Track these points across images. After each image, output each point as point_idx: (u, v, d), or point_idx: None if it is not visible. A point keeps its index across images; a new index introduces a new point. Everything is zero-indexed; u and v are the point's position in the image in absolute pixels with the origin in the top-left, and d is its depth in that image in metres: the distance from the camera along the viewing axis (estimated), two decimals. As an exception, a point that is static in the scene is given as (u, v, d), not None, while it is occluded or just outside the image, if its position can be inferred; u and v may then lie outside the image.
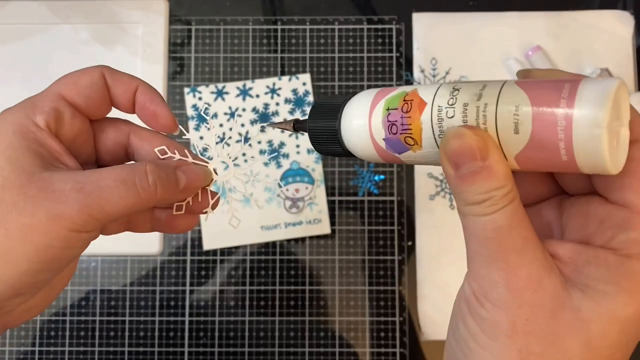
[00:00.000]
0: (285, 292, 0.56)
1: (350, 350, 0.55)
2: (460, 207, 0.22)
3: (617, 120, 0.20)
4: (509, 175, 0.21)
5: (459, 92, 0.22)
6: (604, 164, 0.19)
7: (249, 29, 0.59)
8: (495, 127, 0.21)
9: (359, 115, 0.25)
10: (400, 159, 0.24)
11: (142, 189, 0.24)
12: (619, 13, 0.58)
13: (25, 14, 0.59)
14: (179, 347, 0.55)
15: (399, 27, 0.59)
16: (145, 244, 0.56)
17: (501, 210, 0.20)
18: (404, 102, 0.23)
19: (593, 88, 0.19)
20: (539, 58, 0.56)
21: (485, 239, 0.21)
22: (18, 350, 0.55)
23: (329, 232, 0.56)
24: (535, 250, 0.21)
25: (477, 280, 0.21)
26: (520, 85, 0.20)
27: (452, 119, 0.22)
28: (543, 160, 0.20)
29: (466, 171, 0.21)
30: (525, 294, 0.20)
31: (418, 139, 0.23)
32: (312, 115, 0.27)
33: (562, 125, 0.19)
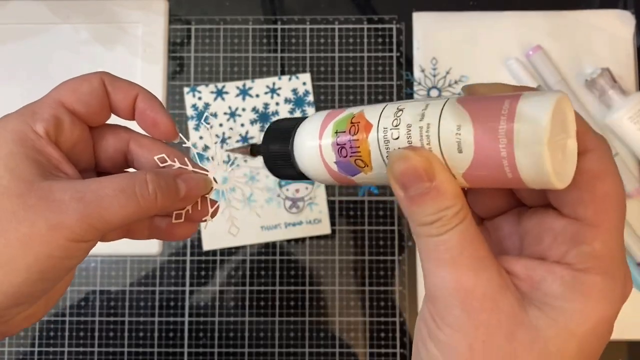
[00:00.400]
0: (285, 293, 0.55)
1: (350, 351, 0.55)
2: (413, 228, 0.22)
3: (563, 133, 0.20)
4: (458, 194, 0.20)
5: (403, 112, 0.22)
6: (549, 179, 0.18)
7: (249, 29, 0.59)
8: (440, 147, 0.20)
9: (309, 139, 0.25)
10: (353, 180, 0.24)
11: (142, 197, 0.24)
12: (619, 12, 0.58)
13: (25, 14, 0.59)
14: (178, 347, 0.55)
15: (399, 27, 0.59)
16: (145, 245, 0.56)
17: (452, 230, 0.20)
18: (351, 125, 0.23)
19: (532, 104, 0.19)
20: (539, 58, 0.56)
21: (438, 260, 0.21)
22: (17, 350, 0.55)
23: (329, 232, 0.56)
24: (489, 269, 0.20)
25: (433, 303, 0.21)
26: (462, 103, 0.20)
27: (397, 140, 0.22)
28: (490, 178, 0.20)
29: (414, 192, 0.20)
30: (481, 315, 0.20)
31: (367, 161, 0.23)
32: (265, 140, 0.27)
33: (503, 143, 0.19)
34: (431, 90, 0.57)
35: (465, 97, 0.21)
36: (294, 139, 0.26)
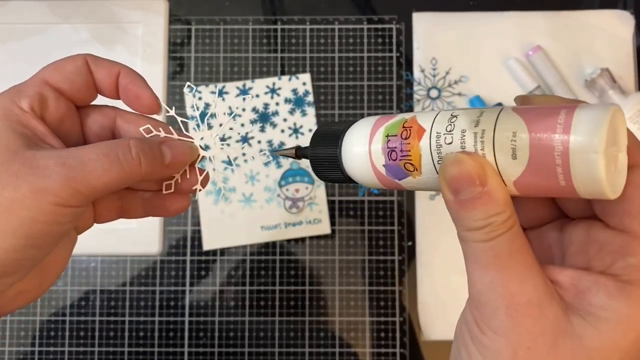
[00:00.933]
0: (285, 292, 0.56)
1: (350, 351, 0.55)
2: (460, 232, 0.22)
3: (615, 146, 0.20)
4: (508, 201, 0.21)
5: (457, 118, 0.22)
6: (602, 189, 0.19)
7: (249, 29, 0.59)
8: (494, 153, 0.21)
9: (359, 143, 0.25)
10: (400, 184, 0.25)
11: (126, 161, 0.25)
12: (619, 13, 0.58)
13: (25, 14, 0.59)
14: (178, 347, 0.55)
15: (399, 27, 0.59)
16: (145, 244, 0.56)
17: (501, 237, 0.20)
18: (403, 129, 0.24)
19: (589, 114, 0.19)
20: (539, 58, 0.56)
21: (485, 266, 0.21)
22: (17, 350, 0.55)
23: (329, 232, 0.56)
24: (536, 277, 0.21)
25: (478, 308, 0.21)
26: (517, 112, 0.21)
27: (450, 145, 0.22)
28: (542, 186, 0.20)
29: (465, 197, 0.21)
30: (526, 322, 0.20)
31: (417, 165, 0.23)
32: (313, 143, 0.28)
33: (559, 151, 0.19)
34: (431, 90, 0.58)
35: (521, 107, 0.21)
36: (342, 143, 0.26)
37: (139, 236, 0.56)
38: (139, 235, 0.56)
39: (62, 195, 0.23)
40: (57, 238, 0.25)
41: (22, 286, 0.25)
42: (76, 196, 0.23)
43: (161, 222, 0.56)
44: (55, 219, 0.23)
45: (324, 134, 0.28)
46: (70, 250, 0.28)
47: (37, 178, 0.23)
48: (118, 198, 0.30)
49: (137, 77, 0.29)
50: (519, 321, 0.20)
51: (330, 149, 0.27)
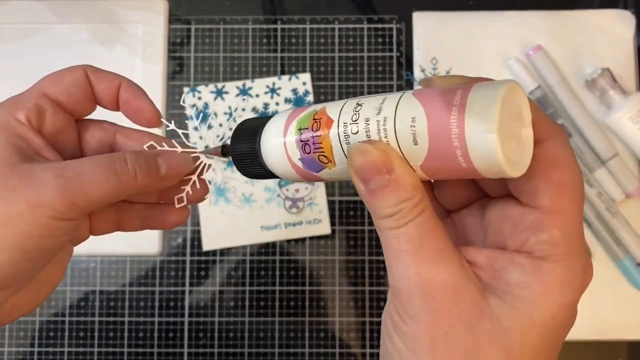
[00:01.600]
0: (285, 293, 0.55)
1: (350, 351, 0.55)
2: (375, 222, 0.22)
3: (517, 122, 0.20)
4: (417, 185, 0.21)
5: (362, 107, 0.22)
6: (502, 168, 0.18)
7: (249, 29, 0.59)
8: (396, 139, 0.21)
9: (274, 137, 0.25)
10: (319, 176, 0.25)
11: (122, 173, 0.25)
12: (619, 12, 0.58)
13: (25, 14, 0.59)
14: (178, 347, 0.55)
15: (399, 27, 0.59)
16: (144, 244, 0.56)
17: (412, 222, 0.20)
18: (313, 121, 0.24)
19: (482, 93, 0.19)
20: (539, 58, 0.56)
21: (399, 252, 0.21)
22: (17, 350, 0.55)
23: (329, 232, 0.56)
24: (450, 260, 0.20)
25: (396, 295, 0.21)
26: (417, 96, 0.20)
27: (356, 135, 0.22)
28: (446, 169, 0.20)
29: (374, 185, 0.21)
30: (442, 306, 0.20)
31: (330, 156, 0.23)
32: (233, 139, 0.28)
33: (455, 134, 0.19)
34: (431, 90, 0.57)
35: (421, 90, 0.21)
36: (260, 138, 0.26)
37: (139, 236, 0.56)
38: (139, 235, 0.56)
39: (59, 208, 0.23)
40: (53, 251, 0.24)
41: (18, 299, 0.25)
42: (72, 209, 0.23)
43: (161, 222, 0.56)
44: (51, 232, 0.23)
45: (243, 129, 0.27)
46: (66, 263, 0.28)
47: (33, 191, 0.23)
48: (115, 211, 0.30)
49: (139, 89, 0.28)
50: (435, 306, 0.20)
51: (249, 144, 0.27)
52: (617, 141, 0.56)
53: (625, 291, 0.54)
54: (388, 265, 0.22)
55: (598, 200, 0.54)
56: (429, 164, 0.20)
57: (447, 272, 0.20)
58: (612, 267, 0.54)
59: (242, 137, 0.27)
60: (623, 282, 0.54)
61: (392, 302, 0.22)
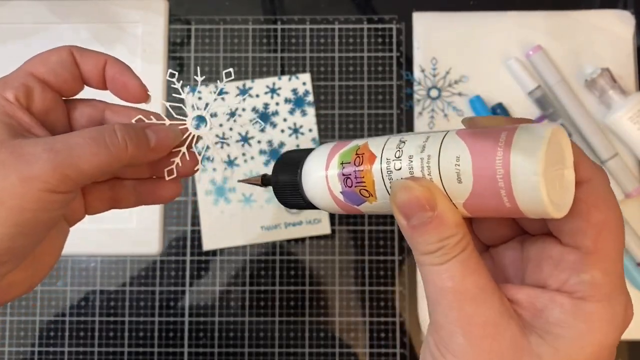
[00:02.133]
0: (285, 293, 0.55)
1: (350, 351, 0.55)
2: (416, 257, 0.22)
3: (560, 164, 0.20)
4: (459, 223, 0.21)
5: (405, 144, 0.22)
6: (545, 209, 0.19)
7: (249, 29, 0.59)
8: (440, 177, 0.21)
9: (316, 170, 0.26)
10: (359, 209, 0.25)
11: (112, 145, 0.25)
12: (619, 12, 0.58)
13: (25, 14, 0.59)
14: (178, 347, 0.55)
15: (399, 27, 0.59)
16: (144, 244, 0.56)
17: (454, 259, 0.21)
18: (356, 156, 0.24)
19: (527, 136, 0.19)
20: (539, 58, 0.56)
21: (441, 289, 0.21)
22: (17, 350, 0.55)
23: (329, 232, 0.56)
24: (491, 298, 0.21)
25: (437, 331, 0.21)
26: (461, 136, 0.21)
27: (399, 171, 0.22)
28: (489, 207, 0.20)
29: (417, 222, 0.21)
30: (483, 343, 0.20)
31: (372, 190, 0.24)
32: (275, 170, 0.28)
33: (500, 174, 0.19)
34: (431, 90, 0.57)
35: (465, 130, 0.21)
36: (302, 170, 0.27)
37: (139, 236, 0.56)
38: (139, 235, 0.56)
39: (51, 181, 0.23)
40: (47, 226, 0.25)
41: (14, 277, 0.25)
42: (65, 181, 0.23)
43: (161, 222, 0.56)
44: (44, 206, 0.23)
45: (286, 161, 0.28)
46: (63, 242, 0.28)
47: (25, 166, 0.23)
48: (109, 188, 0.30)
49: (124, 66, 0.29)
50: (476, 343, 0.20)
51: (290, 176, 0.27)
52: (617, 141, 0.56)
53: (625, 291, 0.54)
54: (429, 300, 0.22)
55: (598, 200, 0.54)
56: (472, 202, 0.21)
57: (488, 309, 0.20)
58: (612, 267, 0.54)
59: (284, 168, 0.28)
60: (623, 282, 0.54)
61: (432, 337, 0.22)
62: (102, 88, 0.29)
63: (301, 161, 0.27)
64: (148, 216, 0.56)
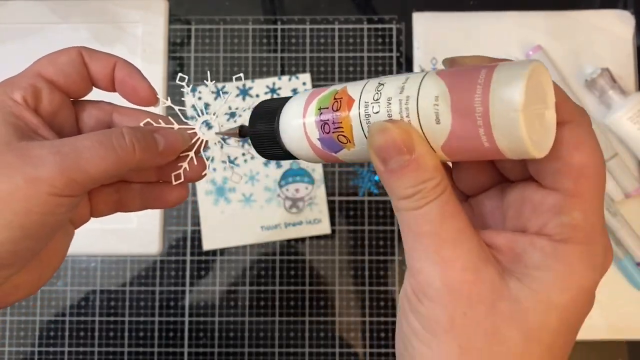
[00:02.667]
0: (285, 293, 0.55)
1: (350, 351, 0.55)
2: (394, 203, 0.21)
3: (541, 103, 0.19)
4: (437, 166, 0.20)
5: (384, 86, 0.22)
6: (525, 147, 0.18)
7: (249, 29, 0.59)
8: (418, 119, 0.20)
9: (293, 117, 0.25)
10: (337, 157, 0.24)
11: (120, 148, 0.24)
12: (619, 12, 0.58)
13: (25, 14, 0.59)
14: (178, 347, 0.55)
15: (399, 27, 0.59)
16: (144, 244, 0.56)
17: (432, 203, 0.20)
18: (334, 101, 0.23)
19: (507, 72, 0.18)
20: (539, 57, 0.56)
21: (418, 234, 0.21)
22: (17, 350, 0.55)
23: (329, 232, 0.56)
24: (469, 242, 0.20)
25: (414, 276, 0.21)
26: (440, 75, 0.20)
27: (378, 114, 0.22)
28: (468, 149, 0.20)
29: (394, 165, 0.20)
30: (461, 287, 0.20)
31: (350, 136, 0.23)
32: (251, 120, 0.28)
33: (479, 112, 0.19)
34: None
35: (445, 70, 0.21)
36: (279, 118, 0.26)
37: (139, 236, 0.56)
38: (139, 235, 0.56)
39: (57, 184, 0.23)
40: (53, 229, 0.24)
41: (19, 279, 0.25)
42: (71, 185, 0.23)
43: (161, 222, 0.56)
44: (51, 209, 0.23)
45: (262, 110, 0.27)
46: (68, 244, 0.28)
47: (31, 168, 0.22)
48: (115, 191, 0.30)
49: (134, 69, 0.28)
50: (454, 287, 0.20)
51: (267, 125, 0.26)
52: (617, 141, 0.56)
53: (625, 291, 0.54)
54: (406, 246, 0.21)
55: (598, 200, 0.54)
56: (450, 144, 0.20)
57: (467, 253, 0.20)
58: (612, 267, 0.54)
59: (261, 117, 0.27)
60: (623, 282, 0.54)
61: (409, 282, 0.21)
62: (111, 90, 0.29)
63: (278, 109, 0.26)
64: (148, 216, 0.56)
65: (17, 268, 0.24)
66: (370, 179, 0.57)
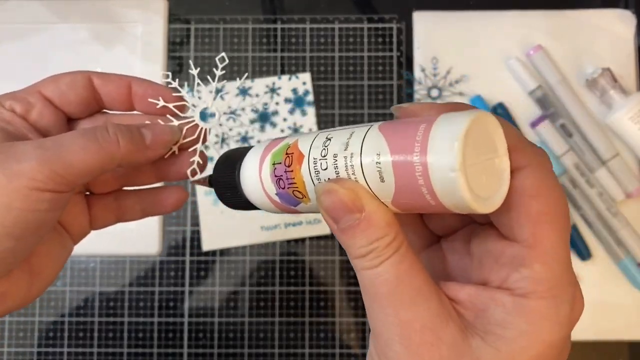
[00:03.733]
0: (285, 293, 0.55)
1: (350, 351, 0.54)
2: (351, 261, 0.21)
3: (490, 153, 0.19)
4: (390, 222, 0.20)
5: (330, 141, 0.21)
6: (468, 205, 0.17)
7: (249, 28, 0.59)
8: (364, 176, 0.20)
9: (251, 170, 0.25)
10: (297, 210, 0.24)
11: (103, 140, 0.24)
12: (620, 12, 0.58)
13: (25, 14, 0.59)
14: (178, 348, 0.55)
15: (399, 26, 0.59)
16: (144, 245, 0.56)
17: (387, 262, 0.19)
18: (286, 156, 0.23)
19: (445, 127, 0.18)
20: (540, 57, 0.56)
21: (375, 295, 0.20)
22: (17, 351, 0.55)
23: (329, 232, 0.56)
24: (429, 300, 0.19)
25: (376, 338, 0.20)
26: (382, 130, 0.19)
27: (326, 171, 0.21)
28: (417, 206, 0.19)
29: (345, 225, 0.20)
30: (421, 350, 0.19)
31: (304, 192, 0.22)
32: (215, 170, 0.27)
33: (419, 172, 0.18)
34: (432, 90, 0.57)
35: (387, 123, 0.20)
36: (239, 170, 0.26)
37: (139, 236, 0.56)
38: (139, 235, 0.56)
39: (38, 177, 0.22)
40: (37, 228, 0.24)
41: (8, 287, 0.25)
42: (54, 178, 0.23)
43: (160, 222, 0.56)
44: (33, 205, 0.23)
45: (224, 160, 0.27)
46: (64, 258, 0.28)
47: (12, 164, 0.22)
48: (114, 199, 0.30)
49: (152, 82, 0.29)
50: (414, 350, 0.19)
51: (228, 177, 0.26)
52: (618, 141, 0.56)
53: (625, 291, 0.54)
54: (366, 306, 0.20)
55: (599, 201, 0.54)
56: (399, 201, 0.19)
57: (426, 312, 0.19)
58: (613, 267, 0.54)
59: (223, 168, 0.27)
60: (623, 282, 0.54)
61: (372, 345, 0.21)
62: (126, 109, 0.29)
63: (239, 161, 0.26)
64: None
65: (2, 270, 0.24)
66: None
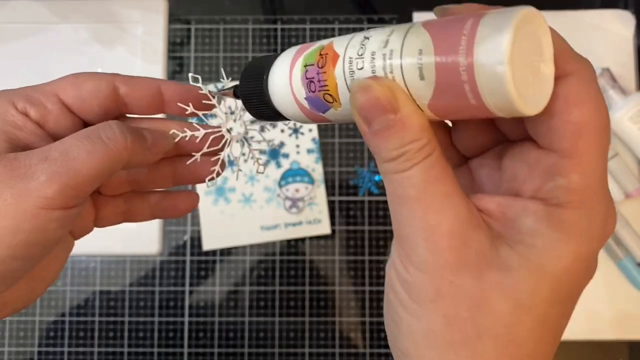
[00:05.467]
0: (285, 293, 0.55)
1: (350, 351, 0.55)
2: (379, 165, 0.20)
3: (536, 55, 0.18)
4: (424, 127, 0.19)
5: (369, 40, 0.20)
6: (513, 104, 0.16)
7: (249, 29, 0.59)
8: (402, 75, 0.19)
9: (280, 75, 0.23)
10: (326, 117, 0.23)
11: (109, 139, 0.23)
12: (619, 12, 0.58)
13: (25, 14, 0.59)
14: (178, 347, 0.55)
15: (399, 27, 0.59)
16: (144, 244, 0.56)
17: (418, 166, 0.19)
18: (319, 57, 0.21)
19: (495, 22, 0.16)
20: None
21: (403, 198, 0.19)
22: (17, 350, 0.55)
23: (329, 232, 0.56)
24: (457, 206, 0.19)
25: (400, 243, 0.20)
26: (426, 27, 0.18)
27: (362, 71, 0.20)
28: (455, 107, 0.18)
29: (378, 126, 0.19)
30: (448, 255, 0.18)
31: (335, 95, 0.21)
32: (241, 78, 0.26)
33: (464, 66, 0.17)
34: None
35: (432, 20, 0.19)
36: (268, 77, 0.24)
37: (139, 236, 0.56)
38: (139, 235, 0.56)
39: (48, 194, 0.21)
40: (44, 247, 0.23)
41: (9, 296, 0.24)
42: (65, 192, 0.21)
43: (161, 222, 0.56)
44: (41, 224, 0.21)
45: (251, 68, 0.25)
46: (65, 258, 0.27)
47: (19, 181, 0.21)
48: (124, 201, 0.29)
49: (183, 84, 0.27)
50: (440, 254, 0.19)
51: (255, 84, 0.25)
52: (617, 141, 0.56)
53: (625, 291, 0.54)
54: (392, 211, 0.20)
55: (598, 200, 0.54)
56: (437, 102, 0.18)
57: (454, 218, 0.19)
58: (613, 267, 0.54)
59: (250, 75, 0.25)
60: (623, 282, 0.54)
61: (395, 249, 0.20)
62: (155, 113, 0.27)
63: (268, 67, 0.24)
64: (148, 216, 0.56)
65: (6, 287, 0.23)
66: (370, 179, 0.57)
